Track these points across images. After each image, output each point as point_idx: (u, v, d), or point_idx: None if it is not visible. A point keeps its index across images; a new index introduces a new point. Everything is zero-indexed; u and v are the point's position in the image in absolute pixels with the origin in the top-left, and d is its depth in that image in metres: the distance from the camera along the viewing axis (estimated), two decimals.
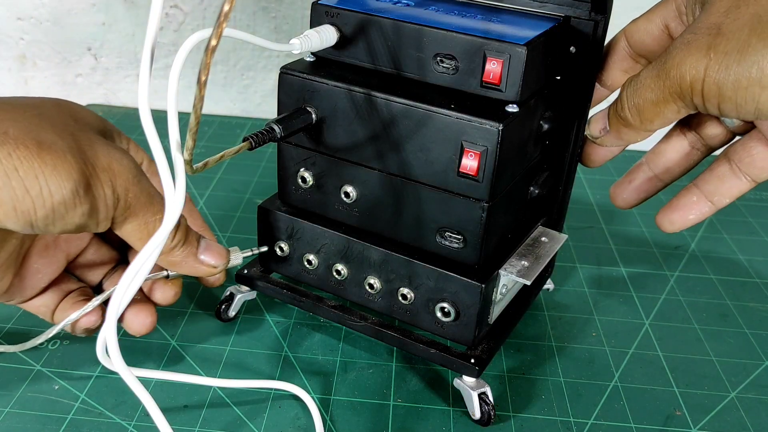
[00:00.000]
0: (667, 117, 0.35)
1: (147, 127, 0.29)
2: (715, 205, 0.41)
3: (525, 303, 0.48)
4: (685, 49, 0.33)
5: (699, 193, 0.41)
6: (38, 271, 0.40)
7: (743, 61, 0.31)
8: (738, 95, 0.32)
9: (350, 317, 0.45)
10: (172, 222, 0.30)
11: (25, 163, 0.31)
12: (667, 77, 0.34)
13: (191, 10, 0.81)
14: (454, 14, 0.40)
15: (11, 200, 0.31)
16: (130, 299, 0.34)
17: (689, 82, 0.33)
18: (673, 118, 0.36)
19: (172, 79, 0.27)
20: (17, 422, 0.40)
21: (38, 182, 0.31)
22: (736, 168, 0.40)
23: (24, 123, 0.32)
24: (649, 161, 0.44)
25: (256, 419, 0.42)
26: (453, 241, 0.39)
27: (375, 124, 0.39)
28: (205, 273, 0.40)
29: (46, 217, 0.32)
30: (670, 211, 0.42)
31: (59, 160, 0.31)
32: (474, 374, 0.41)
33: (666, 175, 0.44)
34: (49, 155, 0.31)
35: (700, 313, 0.54)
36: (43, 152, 0.31)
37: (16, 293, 0.39)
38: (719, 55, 0.32)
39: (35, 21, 0.82)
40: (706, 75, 0.32)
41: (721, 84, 0.32)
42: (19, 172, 0.30)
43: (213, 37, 0.24)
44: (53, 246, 0.40)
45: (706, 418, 0.44)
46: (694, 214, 0.42)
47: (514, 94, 0.37)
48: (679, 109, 0.35)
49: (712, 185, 0.41)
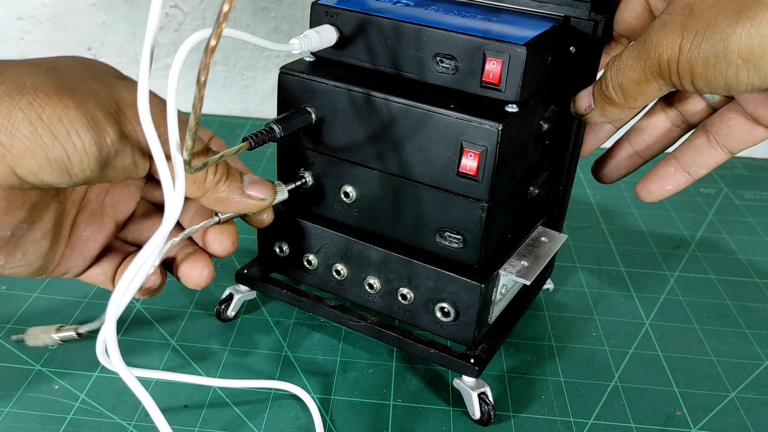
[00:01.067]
0: (649, 95, 0.36)
1: (146, 127, 0.29)
2: (692, 176, 0.42)
3: (525, 303, 0.48)
4: (662, 29, 0.34)
5: (676, 164, 0.42)
6: (88, 239, 0.39)
7: (710, 39, 0.32)
8: (707, 72, 0.33)
9: (350, 317, 0.45)
10: (172, 221, 0.30)
11: (47, 110, 0.30)
12: (648, 57, 0.35)
13: (191, 10, 0.81)
14: (453, 14, 0.40)
15: (42, 149, 0.30)
16: (131, 297, 0.33)
17: (666, 61, 0.34)
18: (655, 95, 0.37)
19: (172, 79, 0.27)
20: (17, 422, 0.40)
21: (64, 126, 0.30)
22: (713, 139, 0.41)
23: (41, 75, 0.32)
24: (630, 138, 0.45)
25: (256, 419, 0.42)
26: (453, 241, 0.39)
27: (375, 124, 0.39)
28: (254, 207, 0.38)
29: (81, 162, 0.31)
30: (649, 182, 0.43)
31: (81, 102, 0.31)
32: (474, 374, 0.41)
33: (646, 152, 0.45)
34: (70, 99, 0.31)
35: (700, 313, 0.54)
36: (64, 96, 0.31)
37: (68, 265, 0.38)
38: (690, 34, 0.33)
39: (35, 21, 0.82)
40: (680, 54, 0.33)
41: (693, 62, 0.33)
42: (43, 119, 0.30)
43: (212, 38, 0.24)
44: (100, 212, 0.39)
45: (706, 418, 0.44)
46: (671, 184, 0.43)
47: (514, 94, 0.37)
48: (660, 87, 0.36)
49: (689, 156, 0.42)
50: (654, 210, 0.68)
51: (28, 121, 0.30)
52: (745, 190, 0.74)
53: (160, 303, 0.51)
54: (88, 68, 0.34)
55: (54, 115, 0.30)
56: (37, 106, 0.30)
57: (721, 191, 0.73)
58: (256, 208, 0.38)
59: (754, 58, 0.31)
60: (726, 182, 0.75)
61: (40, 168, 0.31)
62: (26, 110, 0.30)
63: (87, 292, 0.52)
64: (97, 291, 0.52)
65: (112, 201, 0.40)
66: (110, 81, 0.33)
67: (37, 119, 0.30)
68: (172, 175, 0.30)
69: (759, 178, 0.77)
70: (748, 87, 0.33)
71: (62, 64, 0.34)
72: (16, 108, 0.30)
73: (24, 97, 0.30)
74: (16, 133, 0.30)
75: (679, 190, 0.43)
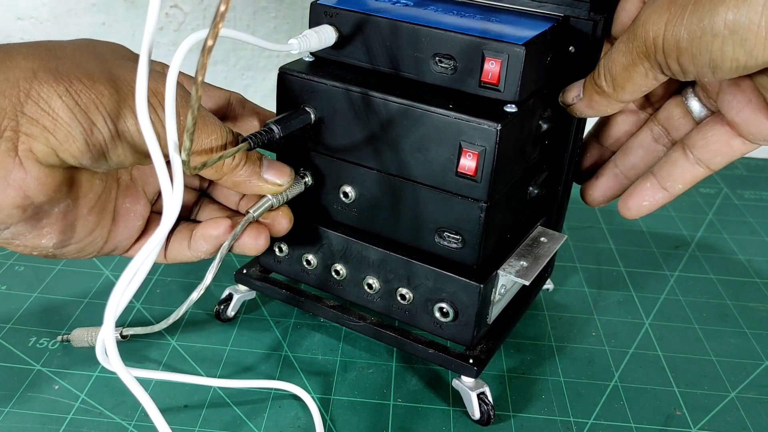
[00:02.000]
0: (636, 82, 0.36)
1: (144, 127, 0.29)
2: (669, 192, 0.42)
3: (524, 303, 0.48)
4: (650, 7, 0.34)
5: (653, 179, 0.42)
6: (129, 210, 0.39)
7: (696, 12, 0.32)
8: (693, 46, 0.33)
9: (349, 317, 0.45)
10: (171, 221, 0.30)
11: (83, 96, 0.31)
12: (635, 38, 0.35)
13: (191, 10, 0.81)
14: (453, 14, 0.40)
15: (81, 135, 0.31)
16: (129, 298, 0.33)
17: (652, 39, 0.34)
18: (642, 83, 0.36)
19: (170, 80, 0.27)
20: (17, 422, 0.40)
21: (100, 113, 0.31)
22: (689, 152, 0.40)
23: (69, 60, 0.33)
24: (617, 159, 0.45)
25: (256, 419, 0.42)
26: (451, 242, 0.39)
27: (373, 124, 0.39)
28: (270, 191, 0.39)
29: (116, 147, 0.32)
30: (627, 197, 0.43)
31: (112, 89, 0.32)
32: (472, 374, 0.41)
33: (631, 172, 0.44)
34: (102, 85, 0.32)
35: (700, 313, 0.54)
36: (96, 83, 0.32)
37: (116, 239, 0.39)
38: (677, 9, 0.33)
39: (35, 21, 0.82)
40: (665, 29, 0.33)
41: (678, 36, 0.33)
42: (81, 105, 0.31)
43: (209, 38, 0.24)
44: (132, 185, 0.40)
45: (706, 417, 0.44)
46: (647, 200, 0.42)
47: (513, 94, 0.37)
48: (646, 71, 0.35)
49: (665, 170, 0.41)
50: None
51: (67, 107, 0.31)
52: (745, 190, 0.74)
53: (160, 303, 0.51)
54: (113, 52, 0.36)
55: (90, 102, 0.31)
56: (74, 93, 0.31)
57: (721, 191, 0.73)
58: (273, 192, 0.39)
59: (741, 29, 0.31)
60: (726, 182, 0.75)
61: (81, 152, 0.32)
62: (64, 97, 0.31)
63: (87, 291, 0.52)
64: (97, 290, 0.52)
65: (140, 174, 0.41)
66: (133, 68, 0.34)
67: (75, 106, 0.31)
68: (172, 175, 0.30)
69: (759, 178, 0.77)
70: (733, 64, 0.32)
71: (87, 49, 0.35)
72: (54, 95, 0.31)
73: (61, 84, 0.31)
74: (58, 119, 0.31)
75: (656, 208, 0.42)
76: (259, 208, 0.39)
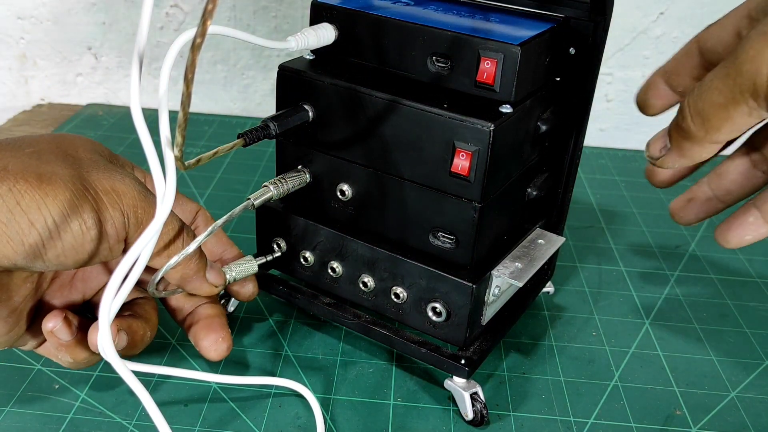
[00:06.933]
0: (736, 122, 0.31)
1: (138, 124, 0.29)
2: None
3: (522, 305, 0.48)
4: (762, 39, 0.29)
5: (757, 214, 0.37)
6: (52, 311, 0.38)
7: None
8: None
9: (344, 315, 0.45)
10: (164, 215, 0.30)
11: (26, 197, 0.31)
12: (739, 74, 0.30)
13: (191, 10, 0.81)
14: (453, 13, 0.40)
15: (18, 235, 0.31)
16: (124, 297, 0.33)
17: (765, 76, 0.29)
18: (743, 123, 0.31)
19: (163, 78, 0.27)
20: (17, 422, 0.40)
21: (42, 214, 0.31)
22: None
23: (23, 158, 0.32)
24: (711, 181, 0.40)
25: (257, 418, 0.42)
26: (445, 241, 0.39)
27: (369, 122, 0.39)
28: (206, 292, 0.40)
29: (56, 248, 0.32)
30: (727, 229, 0.38)
31: (60, 190, 0.31)
32: (464, 375, 0.41)
33: (727, 197, 0.40)
34: (49, 186, 0.31)
35: (700, 312, 0.54)
36: (44, 184, 0.31)
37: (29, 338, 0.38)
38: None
39: (35, 20, 0.82)
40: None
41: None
42: (22, 206, 0.31)
43: (198, 35, 0.24)
44: (69, 286, 0.40)
45: (706, 417, 0.44)
46: (750, 234, 0.38)
47: (508, 94, 0.36)
48: (750, 111, 0.30)
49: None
50: (654, 210, 0.68)
51: (6, 207, 0.30)
52: None
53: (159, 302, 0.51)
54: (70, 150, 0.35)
55: (33, 203, 0.31)
56: (16, 193, 0.31)
57: None
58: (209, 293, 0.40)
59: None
60: None
61: (15, 253, 0.31)
62: (6, 196, 0.30)
63: None
64: None
65: (84, 276, 0.41)
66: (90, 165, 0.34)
67: (15, 206, 0.30)
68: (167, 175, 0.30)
69: None
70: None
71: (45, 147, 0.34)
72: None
73: (5, 183, 0.31)
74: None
75: (758, 239, 0.38)
76: (260, 197, 0.41)
